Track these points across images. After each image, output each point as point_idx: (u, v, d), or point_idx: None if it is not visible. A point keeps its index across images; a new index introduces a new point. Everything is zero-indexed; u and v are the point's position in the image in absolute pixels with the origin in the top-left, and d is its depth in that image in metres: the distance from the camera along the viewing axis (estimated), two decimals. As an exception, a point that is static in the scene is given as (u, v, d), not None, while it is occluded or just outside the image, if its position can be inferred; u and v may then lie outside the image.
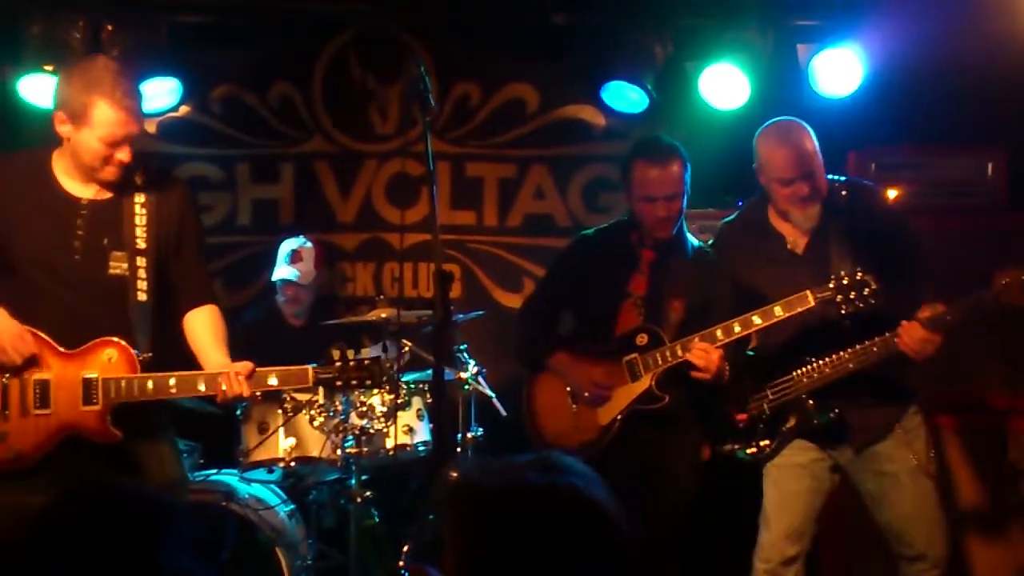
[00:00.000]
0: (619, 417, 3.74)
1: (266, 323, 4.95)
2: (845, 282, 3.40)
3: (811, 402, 3.58)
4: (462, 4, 5.30)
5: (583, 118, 5.44)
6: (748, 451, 3.69)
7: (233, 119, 5.48)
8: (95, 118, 3.10)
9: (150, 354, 3.19)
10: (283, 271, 4.95)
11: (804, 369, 3.58)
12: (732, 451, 3.72)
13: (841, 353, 3.52)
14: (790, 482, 3.66)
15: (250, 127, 5.48)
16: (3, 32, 4.94)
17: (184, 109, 5.35)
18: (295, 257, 4.95)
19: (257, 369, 3.21)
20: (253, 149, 5.50)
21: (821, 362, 3.56)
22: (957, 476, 4.37)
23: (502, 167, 5.48)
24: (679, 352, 3.62)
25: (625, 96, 5.09)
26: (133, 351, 3.17)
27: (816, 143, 3.58)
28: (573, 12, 5.16)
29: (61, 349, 3.17)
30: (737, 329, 3.54)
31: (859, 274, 3.39)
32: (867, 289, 3.38)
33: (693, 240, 3.95)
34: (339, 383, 3.31)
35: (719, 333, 3.55)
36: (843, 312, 3.42)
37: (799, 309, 3.47)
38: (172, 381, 3.17)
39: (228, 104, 5.48)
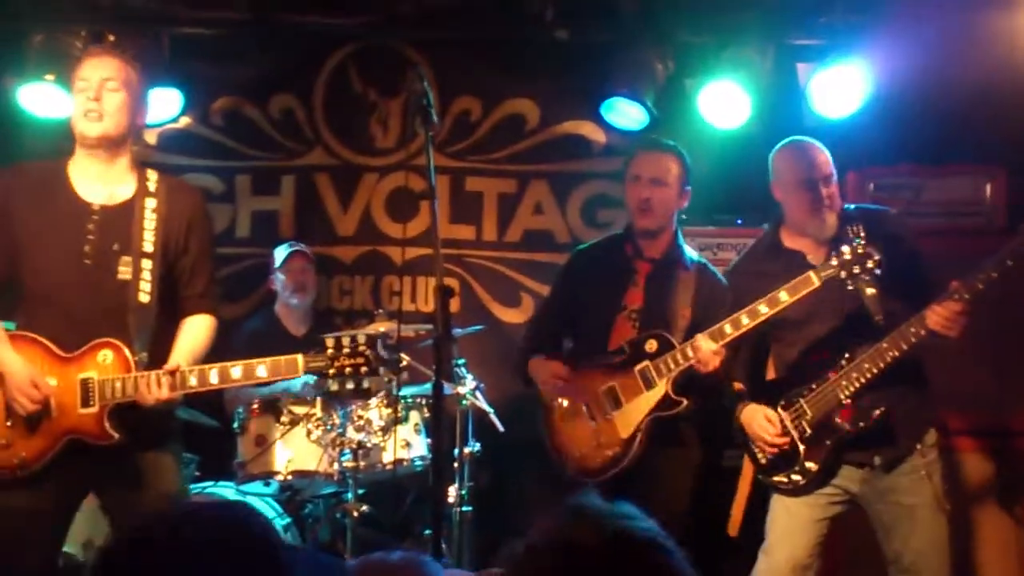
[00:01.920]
0: (641, 428, 3.68)
1: (267, 333, 4.93)
2: (848, 257, 3.31)
3: (851, 402, 3.42)
4: (463, 20, 5.31)
5: (583, 134, 5.45)
6: (793, 478, 3.50)
7: (234, 131, 5.49)
8: (78, 74, 3.20)
9: (145, 354, 3.17)
10: (285, 251, 4.99)
11: (840, 371, 3.43)
12: (776, 484, 3.53)
13: (878, 345, 3.38)
14: (803, 509, 3.52)
15: (251, 139, 5.49)
16: (5, 42, 4.95)
17: (184, 121, 5.36)
18: (291, 245, 5.05)
19: (246, 362, 3.19)
20: (253, 161, 5.51)
21: (857, 358, 3.41)
22: (975, 501, 4.32)
23: (502, 182, 5.49)
24: (689, 353, 3.56)
25: (625, 113, 5.10)
26: (127, 351, 3.16)
27: (828, 155, 3.60)
28: (574, 29, 5.18)
29: (61, 354, 3.16)
30: (745, 321, 3.46)
31: (861, 247, 3.30)
32: (870, 261, 3.29)
33: (693, 255, 3.93)
34: (332, 371, 3.18)
35: (727, 327, 3.48)
36: (849, 288, 3.34)
37: (804, 291, 3.39)
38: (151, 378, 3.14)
39: (229, 116, 5.49)
